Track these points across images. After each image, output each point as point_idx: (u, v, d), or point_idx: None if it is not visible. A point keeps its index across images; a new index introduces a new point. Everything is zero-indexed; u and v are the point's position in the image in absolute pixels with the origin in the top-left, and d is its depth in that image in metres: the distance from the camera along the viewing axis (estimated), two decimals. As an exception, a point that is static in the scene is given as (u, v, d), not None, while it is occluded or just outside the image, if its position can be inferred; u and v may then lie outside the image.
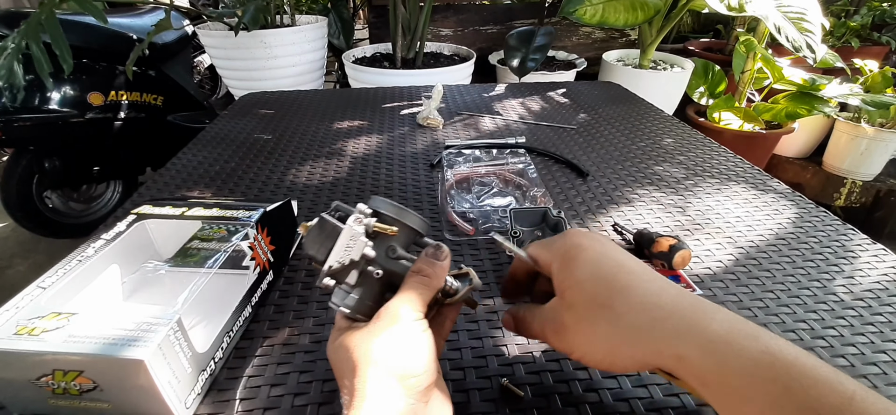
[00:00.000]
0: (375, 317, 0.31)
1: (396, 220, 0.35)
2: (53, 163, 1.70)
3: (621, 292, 0.29)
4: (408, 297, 0.31)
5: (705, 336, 0.26)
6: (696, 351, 0.26)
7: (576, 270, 0.31)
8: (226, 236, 0.51)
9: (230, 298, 0.44)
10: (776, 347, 0.25)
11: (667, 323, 0.28)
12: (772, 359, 0.24)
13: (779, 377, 0.24)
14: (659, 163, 0.81)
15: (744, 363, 0.25)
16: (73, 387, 0.33)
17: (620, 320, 0.29)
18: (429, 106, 0.97)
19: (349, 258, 0.33)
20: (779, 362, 0.24)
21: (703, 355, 0.26)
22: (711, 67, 2.06)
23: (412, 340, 0.30)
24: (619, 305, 0.29)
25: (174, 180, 0.74)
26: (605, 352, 0.30)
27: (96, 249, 0.43)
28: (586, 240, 0.33)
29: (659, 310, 0.28)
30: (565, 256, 0.32)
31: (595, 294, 0.30)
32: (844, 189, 1.97)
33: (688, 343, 0.27)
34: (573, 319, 0.31)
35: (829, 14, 2.34)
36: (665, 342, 0.27)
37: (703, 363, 0.26)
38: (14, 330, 0.33)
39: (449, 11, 2.42)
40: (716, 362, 0.25)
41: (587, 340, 0.30)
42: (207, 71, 2.77)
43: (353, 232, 0.33)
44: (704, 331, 0.27)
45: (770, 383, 0.24)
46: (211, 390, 0.39)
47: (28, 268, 1.84)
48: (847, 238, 0.61)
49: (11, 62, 1.12)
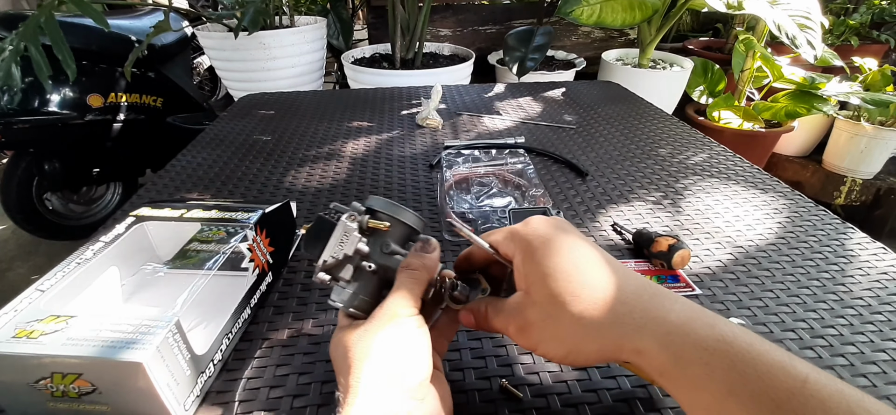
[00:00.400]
0: (371, 315, 0.31)
1: (389, 216, 0.35)
2: (53, 165, 1.70)
3: (584, 288, 0.29)
4: (399, 293, 0.32)
5: (663, 328, 0.27)
6: (654, 344, 0.27)
7: (540, 264, 0.31)
8: (225, 238, 0.51)
9: (229, 299, 0.44)
10: (731, 334, 0.25)
11: (627, 319, 0.28)
12: (726, 347, 0.25)
13: (734, 365, 0.24)
14: (658, 162, 0.80)
15: (700, 353, 0.25)
16: (72, 390, 0.33)
17: (582, 317, 0.29)
18: (428, 106, 0.97)
19: (343, 253, 0.33)
20: (733, 350, 0.25)
21: (661, 347, 0.27)
22: (711, 66, 2.06)
23: (405, 337, 0.30)
24: (581, 303, 0.29)
25: (174, 182, 0.74)
26: (568, 348, 0.30)
27: (95, 252, 0.43)
28: (549, 230, 0.32)
29: (620, 305, 0.29)
30: (528, 249, 0.32)
31: (558, 290, 0.30)
32: (844, 187, 1.97)
33: (646, 337, 0.27)
34: (537, 315, 0.31)
35: (828, 12, 2.34)
36: (626, 337, 0.28)
37: (661, 355, 0.26)
38: (13, 333, 0.33)
39: (448, 11, 2.42)
40: (673, 353, 0.26)
41: (548, 336, 0.30)
42: (207, 72, 2.77)
43: (345, 228, 0.34)
44: (662, 323, 0.27)
45: (726, 371, 0.24)
46: (210, 392, 0.39)
47: (28, 270, 1.84)
48: (846, 237, 0.60)
49: (9, 65, 1.11)
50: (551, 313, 0.30)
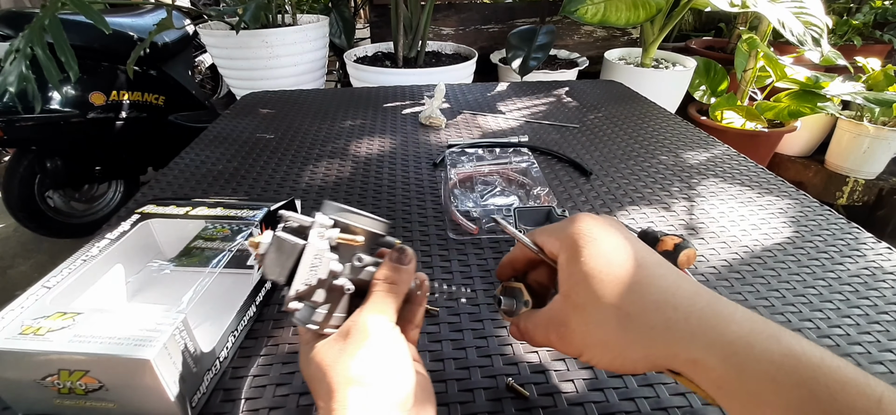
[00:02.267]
0: (345, 331, 0.30)
1: (358, 228, 0.33)
2: (55, 163, 1.71)
3: (633, 290, 0.27)
4: (376, 308, 0.30)
5: (724, 339, 0.25)
6: (713, 355, 0.25)
7: (584, 264, 0.29)
8: (229, 236, 0.51)
9: (234, 297, 0.44)
10: (800, 348, 0.23)
11: (682, 325, 0.26)
12: (795, 362, 0.23)
13: (803, 382, 0.22)
14: (662, 161, 0.80)
15: (765, 367, 0.23)
16: (79, 387, 0.33)
17: (632, 321, 0.27)
18: (431, 105, 0.97)
19: (317, 278, 0.30)
20: (802, 365, 0.23)
21: (721, 358, 0.24)
22: (713, 66, 2.06)
23: (387, 354, 0.29)
24: (631, 305, 0.27)
25: (177, 180, 0.74)
26: (614, 354, 0.28)
27: (101, 249, 0.43)
28: (596, 228, 0.30)
29: (673, 310, 0.26)
30: (573, 247, 0.30)
31: (604, 292, 0.28)
32: (847, 188, 1.97)
33: (704, 347, 0.25)
34: (580, 321, 0.29)
35: (831, 12, 2.34)
36: (680, 345, 0.26)
37: (720, 367, 0.24)
38: (19, 330, 0.33)
39: (450, 10, 2.42)
40: (735, 366, 0.24)
41: (594, 342, 0.28)
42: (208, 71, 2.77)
43: (316, 249, 0.31)
44: (723, 333, 0.25)
45: (794, 387, 0.22)
46: (216, 389, 0.39)
47: (30, 268, 1.84)
48: (852, 236, 0.60)
49: (20, 67, 1.12)
50: (596, 317, 0.28)
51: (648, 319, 0.27)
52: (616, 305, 0.27)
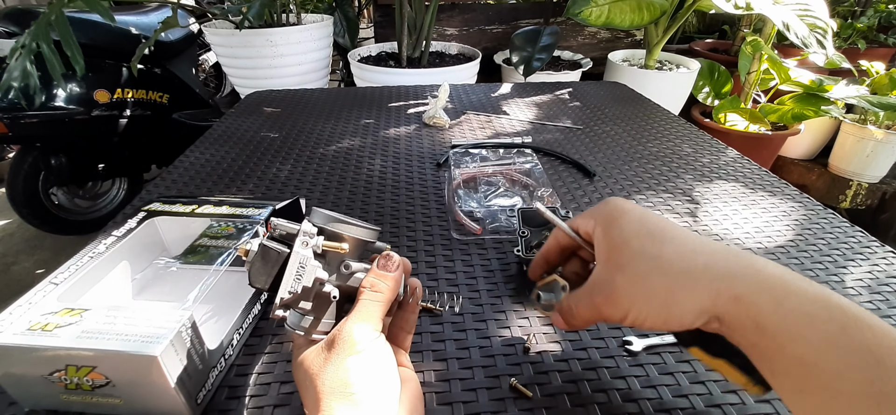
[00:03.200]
0: (331, 339, 0.30)
1: (344, 235, 0.33)
2: (59, 160, 1.71)
3: (671, 242, 0.30)
4: (362, 317, 0.31)
5: (762, 276, 0.27)
6: (753, 289, 0.26)
7: (623, 229, 0.31)
8: (234, 234, 0.51)
9: (239, 295, 0.44)
10: (830, 291, 0.26)
11: (720, 265, 0.28)
12: (826, 300, 0.25)
13: (834, 318, 0.24)
14: (666, 163, 0.80)
15: (801, 302, 0.25)
16: (86, 383, 0.33)
17: (672, 266, 0.29)
18: (435, 105, 0.97)
19: (301, 286, 0.31)
20: (833, 304, 0.25)
21: (761, 292, 0.26)
22: (717, 68, 2.06)
23: (372, 363, 0.29)
24: (670, 253, 0.29)
25: (181, 178, 0.74)
26: (660, 304, 0.29)
27: (107, 246, 0.44)
28: (627, 204, 0.33)
29: (711, 254, 0.28)
30: (608, 219, 0.33)
31: (643, 248, 0.30)
32: (850, 191, 1.96)
33: (744, 282, 0.27)
34: (624, 279, 0.30)
35: (835, 15, 2.33)
36: (722, 281, 0.27)
37: (761, 302, 0.26)
38: (27, 326, 0.34)
39: (454, 11, 2.42)
40: (773, 300, 0.26)
41: (641, 295, 0.29)
42: (212, 69, 2.78)
43: (300, 257, 0.31)
44: (760, 271, 0.27)
45: (826, 322, 0.24)
46: (221, 386, 0.39)
47: (33, 264, 1.85)
48: (856, 240, 0.60)
49: (24, 63, 1.12)
50: (638, 272, 0.30)
51: (688, 263, 0.28)
52: (656, 255, 0.29)
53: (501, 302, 0.49)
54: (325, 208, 0.34)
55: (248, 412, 0.37)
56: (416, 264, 0.55)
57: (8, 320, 0.34)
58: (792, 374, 0.25)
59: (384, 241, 0.35)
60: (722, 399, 0.38)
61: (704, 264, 0.28)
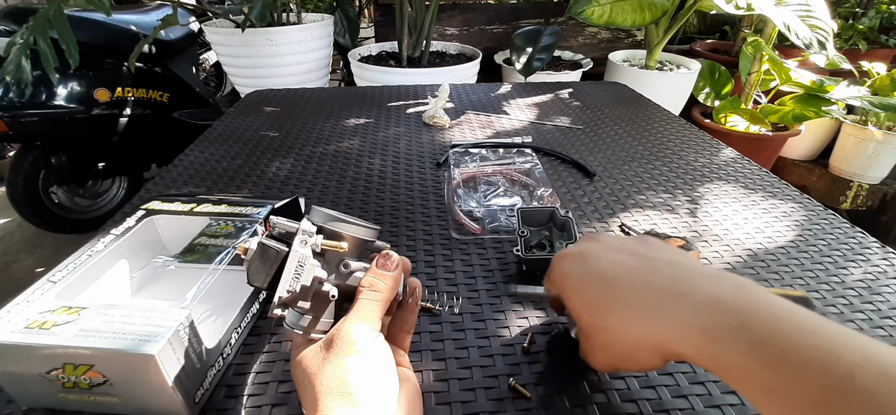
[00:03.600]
0: (329, 339, 0.30)
1: (343, 234, 0.32)
2: (60, 158, 1.71)
3: (609, 311, 0.32)
4: (360, 316, 0.30)
5: (691, 333, 0.28)
6: (686, 350, 0.28)
7: (570, 302, 0.35)
8: (233, 233, 0.51)
9: (238, 294, 0.44)
10: (767, 335, 0.25)
11: (653, 326, 0.30)
12: (758, 349, 0.25)
13: (770, 364, 0.24)
14: (666, 163, 0.80)
15: (733, 358, 0.26)
16: (83, 381, 0.33)
17: (617, 334, 0.32)
18: (435, 105, 0.97)
19: (300, 285, 0.30)
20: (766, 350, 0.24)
21: (694, 352, 0.28)
22: (718, 69, 2.05)
23: (369, 364, 0.29)
24: (611, 322, 0.32)
25: (181, 177, 0.74)
26: (625, 362, 0.32)
27: (106, 244, 0.43)
28: (567, 264, 0.36)
29: (644, 316, 0.30)
30: (559, 287, 0.36)
31: (592, 322, 0.33)
32: (850, 192, 1.96)
33: (678, 342, 0.28)
34: (590, 345, 0.34)
35: (836, 16, 2.33)
36: (659, 341, 0.29)
37: (696, 357, 0.27)
38: (25, 324, 0.33)
39: (455, 10, 2.42)
40: (708, 359, 0.27)
41: (606, 356, 0.33)
42: (212, 68, 2.78)
43: (299, 256, 0.31)
44: (689, 327, 0.28)
45: (762, 371, 0.24)
46: (219, 385, 0.39)
47: (33, 262, 1.85)
48: (856, 241, 0.60)
49: (19, 58, 1.12)
50: (595, 338, 0.34)
51: (630, 333, 0.31)
52: (603, 328, 0.33)
53: (500, 302, 0.49)
54: (325, 207, 0.33)
55: (245, 411, 0.37)
56: (416, 264, 0.55)
57: (6, 318, 0.34)
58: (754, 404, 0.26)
59: (383, 240, 0.35)
60: (721, 400, 0.38)
61: (642, 326, 0.30)
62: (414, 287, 0.36)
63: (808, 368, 0.23)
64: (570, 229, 0.53)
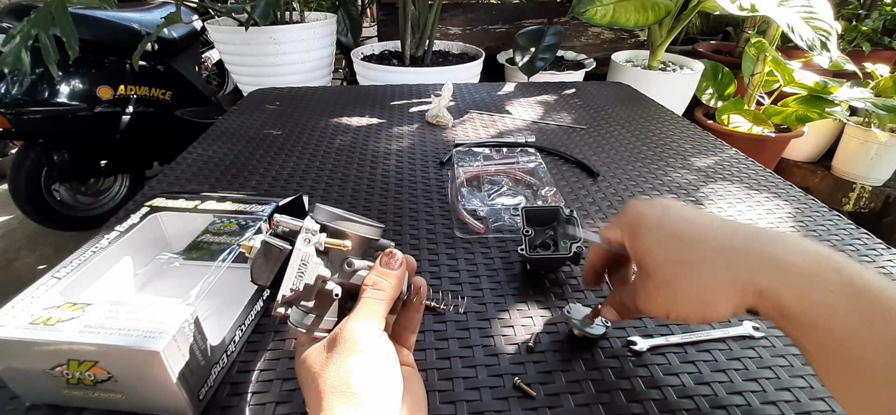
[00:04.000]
0: (333, 338, 0.30)
1: (347, 233, 0.32)
2: (62, 156, 1.71)
3: (691, 246, 0.31)
4: (364, 315, 0.30)
5: (784, 270, 0.27)
6: (775, 284, 0.27)
7: (644, 239, 0.33)
8: (237, 231, 0.51)
9: (242, 292, 0.44)
10: (859, 279, 0.25)
11: (742, 262, 0.28)
12: (852, 290, 0.25)
13: (859, 308, 0.24)
14: (670, 164, 0.80)
15: (822, 294, 0.25)
16: (88, 377, 0.33)
17: (698, 271, 0.30)
18: (438, 104, 0.97)
19: (303, 284, 0.30)
20: (860, 295, 0.25)
21: (782, 287, 0.27)
22: (721, 69, 2.05)
23: (373, 363, 0.29)
24: (693, 258, 0.30)
25: (184, 175, 0.74)
26: (694, 305, 0.30)
27: (110, 241, 0.43)
28: (646, 207, 0.34)
29: (733, 250, 0.29)
30: (631, 228, 0.34)
31: (667, 255, 0.31)
32: (853, 194, 1.96)
33: (767, 278, 0.27)
34: (656, 284, 0.32)
35: (840, 17, 2.33)
36: (746, 279, 0.28)
37: (782, 295, 0.27)
38: (29, 320, 0.33)
39: (458, 10, 2.42)
40: (795, 294, 0.26)
41: (674, 299, 0.31)
42: (215, 67, 2.78)
43: (302, 255, 0.30)
44: (783, 265, 0.27)
45: (850, 313, 0.24)
46: (223, 382, 0.39)
47: (35, 260, 1.85)
48: (860, 242, 0.60)
49: (19, 50, 1.12)
50: (667, 277, 0.32)
51: (711, 266, 0.30)
52: (681, 261, 0.31)
53: (505, 301, 0.49)
54: (329, 206, 0.33)
55: (249, 409, 0.37)
56: (419, 263, 0.55)
57: (10, 314, 0.34)
58: (818, 357, 0.27)
59: (387, 239, 0.35)
60: (727, 401, 0.38)
61: (726, 264, 0.29)
62: (418, 286, 0.36)
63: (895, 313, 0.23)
64: (574, 227, 0.53)
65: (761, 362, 0.42)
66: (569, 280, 0.52)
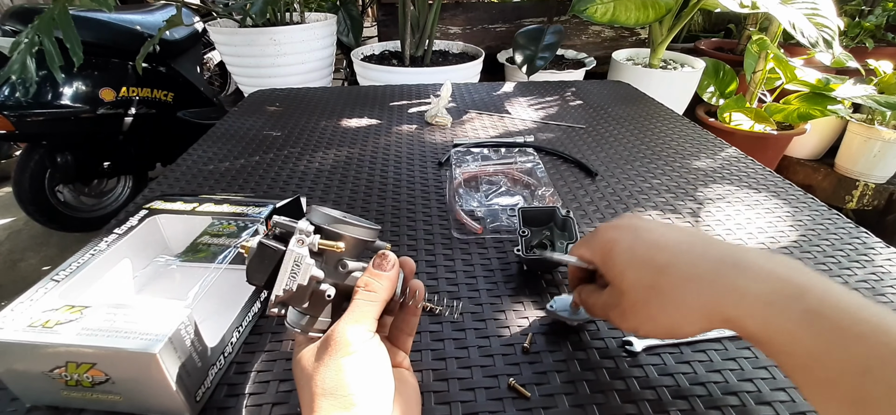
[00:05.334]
0: (326, 340, 0.30)
1: (341, 234, 0.32)
2: (65, 158, 1.73)
3: (663, 272, 0.32)
4: (355, 318, 0.30)
5: (746, 300, 0.28)
6: (740, 313, 0.29)
7: (616, 262, 0.34)
8: (236, 232, 0.51)
9: (239, 293, 0.44)
10: (818, 305, 0.26)
11: (708, 291, 0.30)
12: (811, 317, 0.26)
13: (820, 334, 0.25)
14: (669, 163, 0.80)
15: (784, 324, 0.27)
16: (86, 379, 0.34)
17: (668, 296, 0.31)
18: (437, 104, 0.97)
19: (296, 284, 0.30)
20: (819, 320, 0.26)
21: (746, 317, 0.28)
22: (722, 67, 2.04)
23: (365, 364, 0.29)
24: (664, 284, 0.32)
25: (185, 176, 0.74)
26: (663, 325, 0.32)
27: (109, 243, 0.44)
28: (616, 232, 0.36)
29: (699, 280, 0.31)
30: (603, 251, 0.36)
31: (639, 279, 0.33)
32: (856, 191, 1.95)
33: (731, 307, 0.29)
34: (629, 303, 0.34)
35: (843, 14, 2.31)
36: (712, 306, 0.30)
37: (747, 324, 0.28)
38: (28, 322, 0.34)
39: (458, 9, 2.42)
40: (758, 324, 0.28)
41: (647, 319, 0.33)
42: (217, 68, 2.79)
43: (295, 256, 0.31)
44: (744, 295, 0.29)
45: (812, 339, 0.26)
46: (220, 384, 0.39)
47: (39, 261, 1.86)
48: (860, 241, 0.60)
49: (25, 57, 1.13)
50: (639, 299, 0.33)
51: (681, 292, 0.31)
52: (652, 285, 0.32)
53: (501, 302, 0.49)
54: (326, 207, 0.33)
55: (246, 410, 0.37)
56: (417, 264, 0.55)
57: (9, 316, 0.34)
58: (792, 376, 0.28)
59: (385, 240, 0.35)
60: (722, 401, 0.38)
61: (696, 293, 0.30)
62: (415, 289, 0.36)
63: (859, 339, 0.24)
64: (571, 229, 0.53)
65: (757, 362, 0.42)
66: (565, 280, 0.52)
